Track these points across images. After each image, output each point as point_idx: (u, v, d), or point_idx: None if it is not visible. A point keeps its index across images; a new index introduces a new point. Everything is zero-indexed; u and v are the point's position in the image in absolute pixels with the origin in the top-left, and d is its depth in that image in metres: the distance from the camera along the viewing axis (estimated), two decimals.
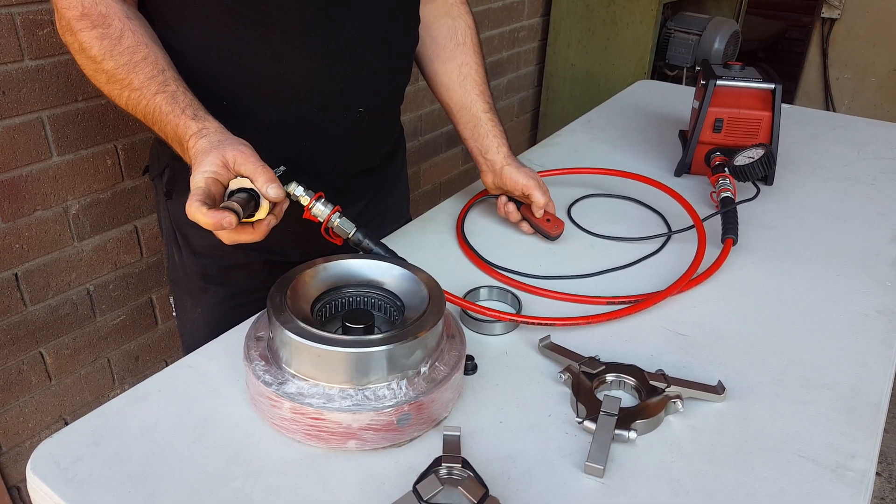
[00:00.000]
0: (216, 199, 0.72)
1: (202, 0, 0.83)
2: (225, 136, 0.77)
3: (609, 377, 0.77)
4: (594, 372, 0.77)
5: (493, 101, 1.10)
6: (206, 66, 0.87)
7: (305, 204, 0.82)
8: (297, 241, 1.01)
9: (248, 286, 1.01)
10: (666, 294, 0.92)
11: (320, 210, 0.83)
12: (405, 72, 1.04)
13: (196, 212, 0.69)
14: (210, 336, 0.97)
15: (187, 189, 0.96)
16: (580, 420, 0.72)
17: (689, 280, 0.95)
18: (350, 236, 0.84)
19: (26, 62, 1.24)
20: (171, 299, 1.12)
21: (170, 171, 1.00)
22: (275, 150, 0.92)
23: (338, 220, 0.84)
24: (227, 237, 0.75)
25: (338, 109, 0.93)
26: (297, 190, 0.82)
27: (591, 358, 0.79)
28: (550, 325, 0.86)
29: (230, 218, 0.69)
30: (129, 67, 0.79)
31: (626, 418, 0.71)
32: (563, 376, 0.77)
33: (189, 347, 1.07)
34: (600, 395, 0.74)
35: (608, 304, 0.92)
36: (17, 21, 1.21)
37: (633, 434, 0.70)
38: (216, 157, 0.74)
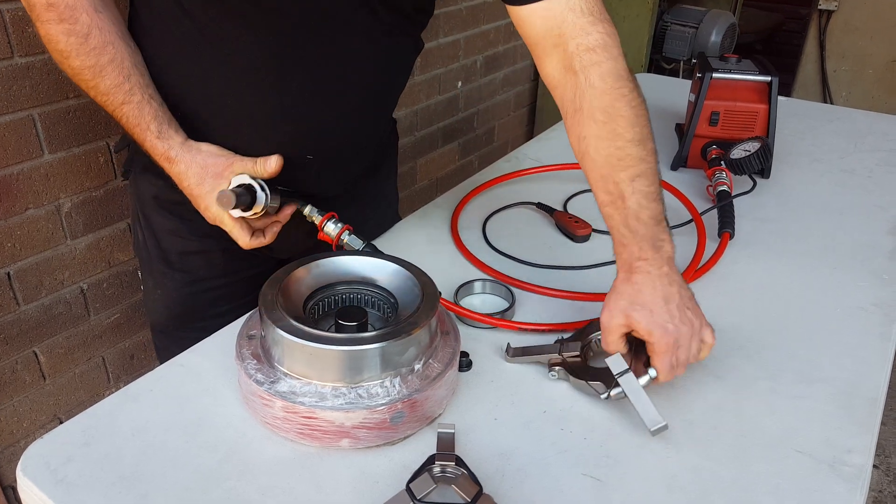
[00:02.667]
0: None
1: (168, 16, 0.81)
2: (195, 156, 0.82)
3: (593, 342, 0.77)
4: (579, 350, 0.76)
5: (635, 182, 0.74)
6: (168, 81, 0.85)
7: (317, 223, 0.90)
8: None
9: (206, 273, 1.01)
10: None
11: (332, 229, 0.90)
12: (377, 114, 0.97)
13: (257, 243, 0.86)
14: (169, 318, 0.99)
15: (145, 170, 0.98)
16: (606, 395, 0.71)
17: (690, 276, 0.94)
18: (360, 253, 0.87)
19: (16, 59, 1.22)
20: (139, 273, 1.11)
21: (130, 149, 0.99)
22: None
23: (347, 237, 0.89)
24: (246, 244, 0.85)
25: (285, 152, 0.86)
26: (312, 211, 0.91)
27: (559, 341, 0.78)
28: (544, 331, 0.85)
29: (275, 229, 0.88)
30: (94, 71, 0.78)
31: (637, 365, 0.70)
32: (554, 374, 0.77)
33: (153, 326, 1.11)
34: (599, 364, 0.74)
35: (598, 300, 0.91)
36: (6, 18, 1.19)
37: (653, 371, 0.70)
38: (215, 183, 0.83)
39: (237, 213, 0.83)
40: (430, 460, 0.61)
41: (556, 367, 0.77)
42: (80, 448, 0.67)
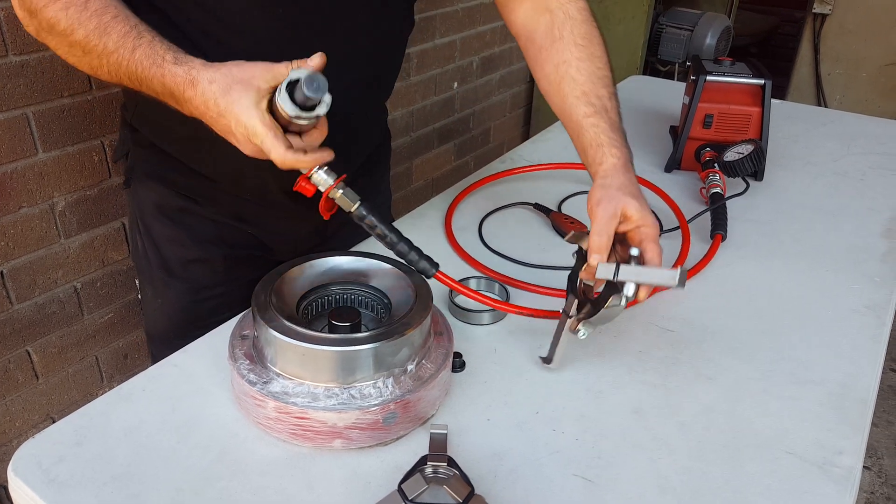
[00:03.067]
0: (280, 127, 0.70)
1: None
2: (218, 68, 0.71)
3: (583, 285, 0.79)
4: (579, 301, 0.77)
5: (613, 100, 0.87)
6: None
7: (304, 173, 0.73)
8: (258, 239, 0.99)
9: (209, 281, 0.99)
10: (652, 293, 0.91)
11: (321, 178, 0.73)
12: (373, 97, 0.97)
13: (294, 160, 0.69)
14: (171, 328, 0.96)
15: (147, 178, 0.95)
16: (625, 300, 0.72)
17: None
18: (352, 212, 0.75)
19: (10, 58, 1.22)
20: (137, 282, 1.10)
21: (131, 157, 0.96)
22: (223, 161, 0.88)
23: (340, 191, 0.73)
24: (282, 155, 0.70)
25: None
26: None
27: (563, 314, 0.78)
28: (536, 316, 0.85)
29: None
30: (100, 31, 0.73)
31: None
32: (584, 332, 0.75)
33: (150, 335, 1.07)
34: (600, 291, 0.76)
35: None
36: (1, 17, 1.19)
37: (635, 249, 0.74)
38: (243, 90, 0.68)
39: (294, 110, 0.67)
40: (423, 461, 0.61)
41: (580, 327, 0.75)
42: (72, 448, 0.67)
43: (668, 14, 2.77)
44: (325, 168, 0.73)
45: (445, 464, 0.61)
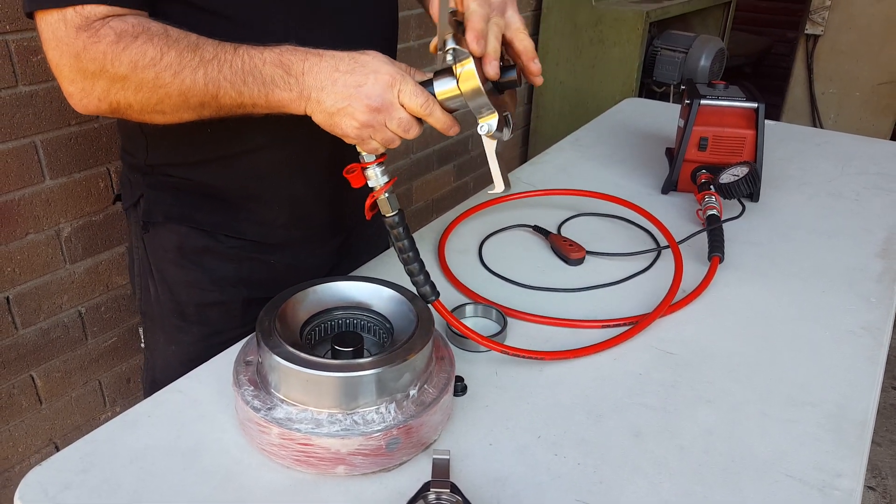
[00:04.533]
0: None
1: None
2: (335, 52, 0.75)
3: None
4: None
5: None
6: None
7: (367, 161, 0.77)
8: (280, 273, 1.01)
9: (224, 326, 0.99)
10: (650, 319, 0.92)
11: (376, 174, 0.77)
12: None
13: (428, 102, 0.73)
14: (184, 374, 0.95)
15: (166, 220, 0.95)
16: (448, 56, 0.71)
17: (669, 305, 0.94)
18: (387, 217, 0.79)
19: (20, 88, 1.24)
20: (141, 331, 1.09)
21: (145, 202, 0.96)
22: (251, 174, 0.92)
23: (386, 193, 0.78)
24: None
25: (307, 140, 0.87)
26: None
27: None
28: (528, 357, 0.85)
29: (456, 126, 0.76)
30: (192, 46, 0.73)
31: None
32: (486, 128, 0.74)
33: (158, 382, 1.03)
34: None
35: (603, 327, 0.92)
36: (12, 48, 1.22)
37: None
38: (374, 55, 0.74)
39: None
40: (426, 487, 0.62)
41: (482, 123, 0.74)
42: (79, 475, 0.67)
43: (663, 37, 2.81)
44: (383, 167, 0.77)
45: (448, 490, 0.61)
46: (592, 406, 0.79)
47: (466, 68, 0.72)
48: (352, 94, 0.72)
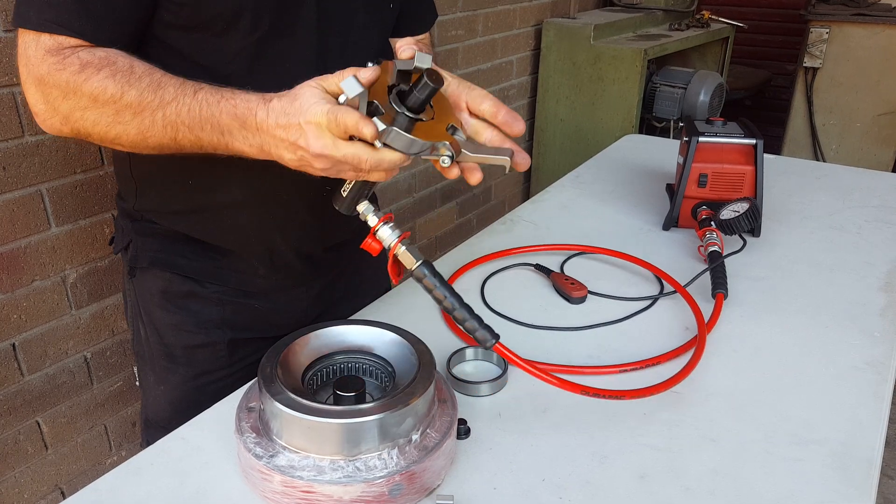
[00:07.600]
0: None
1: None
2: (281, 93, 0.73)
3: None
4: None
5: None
6: None
7: (372, 225, 0.76)
8: (264, 315, 1.02)
9: (212, 366, 1.01)
10: (692, 364, 0.91)
11: (386, 234, 0.76)
12: None
13: (368, 125, 0.68)
14: (173, 414, 0.96)
15: (151, 266, 0.97)
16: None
17: (702, 347, 0.92)
18: (413, 269, 0.76)
19: (26, 138, 1.27)
20: (135, 370, 1.11)
21: (133, 247, 0.98)
22: (231, 227, 0.93)
23: (403, 247, 0.76)
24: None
25: (297, 189, 0.90)
26: (368, 209, 0.77)
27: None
28: (619, 398, 0.81)
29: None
30: (154, 86, 0.73)
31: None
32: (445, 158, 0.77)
33: (150, 422, 1.06)
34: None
35: (621, 371, 0.90)
36: (18, 100, 1.25)
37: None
38: (312, 94, 0.69)
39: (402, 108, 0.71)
40: None
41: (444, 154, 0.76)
42: None
43: (662, 73, 2.85)
44: (391, 224, 0.76)
45: None
46: (597, 447, 0.78)
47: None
48: (297, 148, 0.70)
